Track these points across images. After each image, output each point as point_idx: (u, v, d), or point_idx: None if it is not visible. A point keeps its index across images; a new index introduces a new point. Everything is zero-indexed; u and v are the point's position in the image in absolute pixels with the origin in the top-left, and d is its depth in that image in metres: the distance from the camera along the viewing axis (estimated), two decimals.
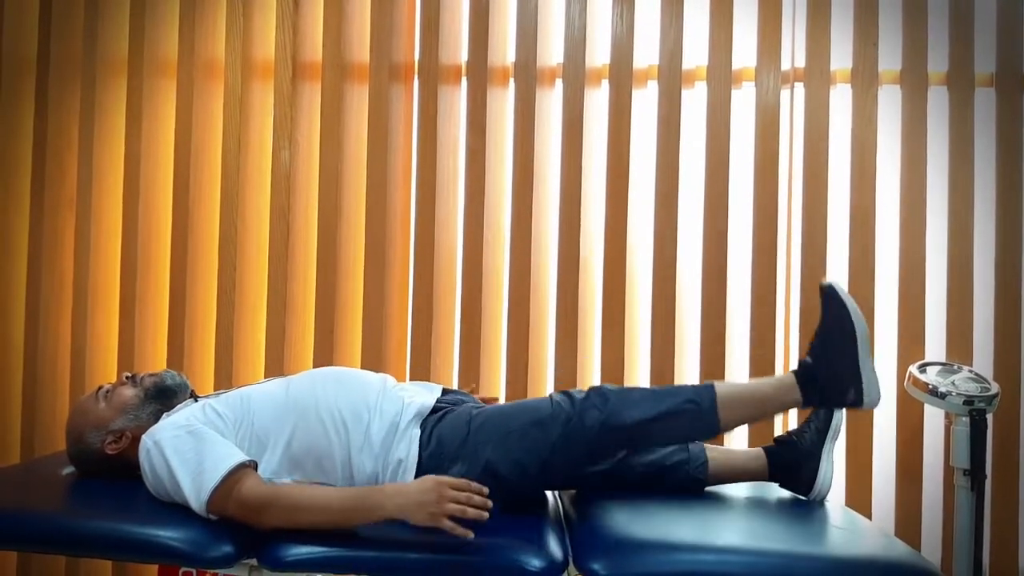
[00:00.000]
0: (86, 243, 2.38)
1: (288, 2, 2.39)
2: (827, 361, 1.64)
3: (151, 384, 1.65)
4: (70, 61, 2.42)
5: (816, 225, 2.28)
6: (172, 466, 1.45)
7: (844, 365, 1.62)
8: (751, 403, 1.64)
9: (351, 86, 2.41)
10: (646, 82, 2.40)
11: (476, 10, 2.37)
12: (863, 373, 1.62)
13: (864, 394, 1.62)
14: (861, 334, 1.62)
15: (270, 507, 1.40)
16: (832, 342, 1.64)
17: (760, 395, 1.65)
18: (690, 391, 1.62)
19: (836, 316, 1.64)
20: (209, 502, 1.41)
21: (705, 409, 1.60)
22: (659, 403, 1.59)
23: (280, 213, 2.38)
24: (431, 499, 1.35)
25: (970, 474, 2.00)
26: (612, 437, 1.58)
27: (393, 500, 1.38)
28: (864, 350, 1.62)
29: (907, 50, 2.29)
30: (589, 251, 2.37)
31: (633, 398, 1.60)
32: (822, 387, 1.63)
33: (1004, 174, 2.26)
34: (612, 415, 1.57)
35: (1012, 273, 2.24)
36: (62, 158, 2.42)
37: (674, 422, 1.59)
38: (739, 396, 1.64)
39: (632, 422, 1.57)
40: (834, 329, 1.64)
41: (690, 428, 1.62)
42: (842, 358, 1.63)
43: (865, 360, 1.62)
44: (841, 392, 1.63)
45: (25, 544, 1.51)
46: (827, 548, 1.43)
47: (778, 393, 1.64)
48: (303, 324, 2.41)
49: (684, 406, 1.59)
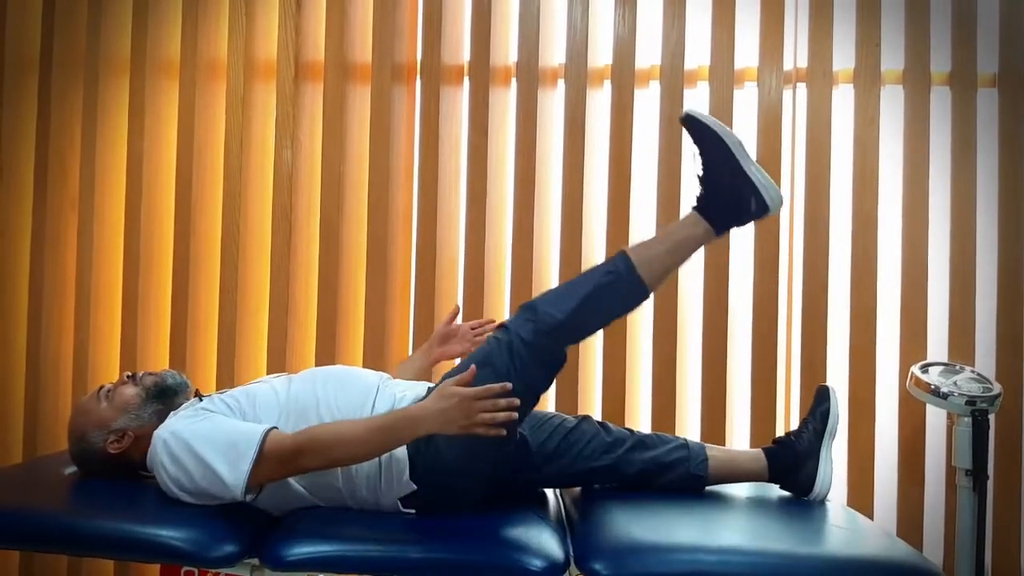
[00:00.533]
0: (88, 242, 2.39)
1: (290, 2, 2.40)
2: (715, 182, 1.65)
3: (152, 383, 1.65)
4: (73, 60, 2.42)
5: (818, 225, 2.28)
6: (199, 451, 1.45)
7: (731, 178, 1.63)
8: (666, 250, 1.65)
9: (353, 86, 2.42)
10: (648, 82, 2.40)
11: (478, 10, 2.37)
12: (752, 178, 1.63)
13: (764, 197, 1.63)
14: (734, 144, 1.63)
15: (304, 452, 1.43)
16: (713, 164, 1.64)
17: (671, 240, 1.66)
18: (605, 265, 1.64)
19: (706, 140, 1.64)
20: (250, 475, 1.42)
21: (624, 273, 1.62)
22: (582, 287, 1.61)
23: (282, 213, 2.38)
24: (458, 415, 1.40)
25: (972, 474, 2.00)
26: (553, 338, 1.59)
27: (423, 424, 1.42)
28: (743, 156, 1.63)
29: (909, 50, 2.29)
30: (591, 251, 2.37)
31: (558, 295, 1.62)
32: (723, 207, 1.64)
33: (1006, 174, 2.25)
34: (543, 319, 1.58)
35: (1014, 273, 2.24)
36: (65, 157, 2.42)
37: (602, 298, 1.61)
38: (652, 249, 1.65)
39: (564, 316, 1.58)
40: (709, 151, 1.65)
41: (620, 298, 1.63)
42: (727, 173, 1.64)
43: (748, 165, 1.63)
44: (743, 204, 1.64)
45: (27, 543, 1.52)
46: (829, 548, 1.43)
47: (687, 229, 1.66)
48: (305, 324, 2.41)
49: (604, 279, 1.61)
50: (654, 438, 1.75)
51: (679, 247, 1.66)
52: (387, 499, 1.55)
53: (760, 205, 1.63)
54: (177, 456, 1.47)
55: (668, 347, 2.29)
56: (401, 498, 1.55)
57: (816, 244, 2.28)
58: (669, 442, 1.75)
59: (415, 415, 1.43)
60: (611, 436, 1.73)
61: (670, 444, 1.74)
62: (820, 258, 2.28)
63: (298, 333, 2.40)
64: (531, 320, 1.58)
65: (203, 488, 1.45)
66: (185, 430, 1.49)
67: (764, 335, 2.28)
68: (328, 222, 2.37)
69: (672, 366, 2.29)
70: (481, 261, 2.34)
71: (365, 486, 1.56)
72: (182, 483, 1.47)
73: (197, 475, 1.45)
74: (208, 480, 1.44)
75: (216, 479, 1.43)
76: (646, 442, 1.73)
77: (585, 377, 2.35)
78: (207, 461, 1.44)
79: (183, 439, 1.47)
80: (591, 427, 1.74)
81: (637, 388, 2.37)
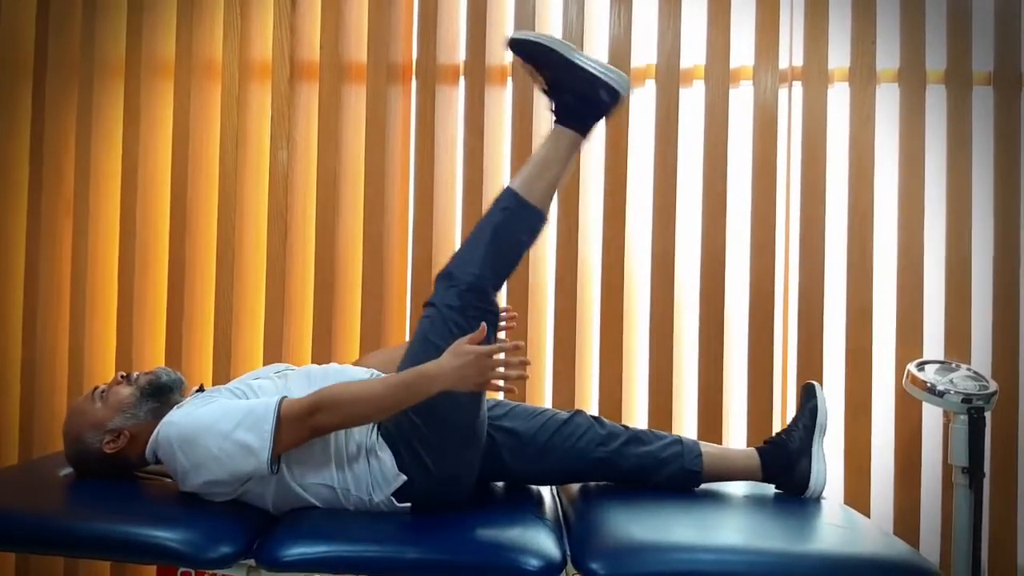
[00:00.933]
0: (84, 244, 2.38)
1: (286, 2, 2.39)
2: (560, 90, 1.70)
3: (146, 382, 1.65)
4: (67, 63, 2.42)
5: (814, 223, 2.29)
6: (217, 425, 1.46)
7: (572, 80, 1.68)
8: (544, 171, 1.70)
9: (349, 86, 2.41)
10: (644, 81, 2.40)
11: (474, 10, 2.37)
12: (592, 71, 1.68)
13: (610, 84, 1.67)
14: (564, 48, 1.68)
15: (322, 407, 1.45)
16: (552, 74, 1.69)
17: (545, 160, 1.71)
18: (496, 205, 1.69)
19: (537, 56, 1.69)
20: (274, 435, 1.43)
21: (515, 206, 1.67)
22: (483, 234, 1.66)
23: (278, 213, 2.38)
24: (473, 372, 1.44)
25: (968, 472, 2.00)
26: (478, 292, 1.63)
27: (438, 381, 1.45)
28: (576, 56, 1.68)
29: (905, 49, 2.29)
30: (587, 249, 2.37)
31: (465, 251, 1.67)
32: (577, 109, 1.69)
33: (1002, 172, 2.26)
34: (461, 279, 1.62)
35: (1010, 271, 2.24)
36: (59, 160, 2.42)
37: (506, 236, 1.66)
38: (531, 174, 1.70)
39: (479, 268, 1.63)
40: (544, 64, 1.69)
41: (521, 229, 1.68)
42: (567, 77, 1.69)
43: (584, 61, 1.68)
44: (593, 98, 1.68)
45: (23, 545, 1.51)
46: (826, 547, 1.43)
47: (555, 144, 1.71)
48: (301, 325, 2.41)
49: (500, 218, 1.67)
50: (649, 434, 1.76)
51: (555, 162, 1.71)
52: (380, 496, 1.56)
53: (609, 92, 1.68)
54: (192, 438, 1.47)
55: (664, 346, 2.29)
56: (394, 493, 1.55)
57: (812, 243, 2.28)
58: (663, 438, 1.75)
59: (431, 372, 1.46)
60: (605, 429, 1.74)
61: (664, 440, 1.75)
62: (816, 257, 2.28)
63: (294, 333, 2.39)
64: (452, 286, 1.62)
65: (226, 463, 1.45)
66: (195, 412, 1.51)
67: (760, 334, 2.28)
68: (324, 222, 2.37)
69: (668, 365, 2.29)
70: None
71: (354, 486, 1.56)
72: (201, 464, 1.46)
73: (217, 449, 1.45)
74: (231, 451, 1.44)
75: (239, 447, 1.44)
76: (641, 437, 1.74)
77: (581, 377, 2.35)
78: (227, 431, 1.45)
79: (195, 418, 1.49)
80: (584, 420, 1.74)
81: (633, 387, 2.37)
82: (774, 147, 2.30)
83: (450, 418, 1.57)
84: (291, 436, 1.47)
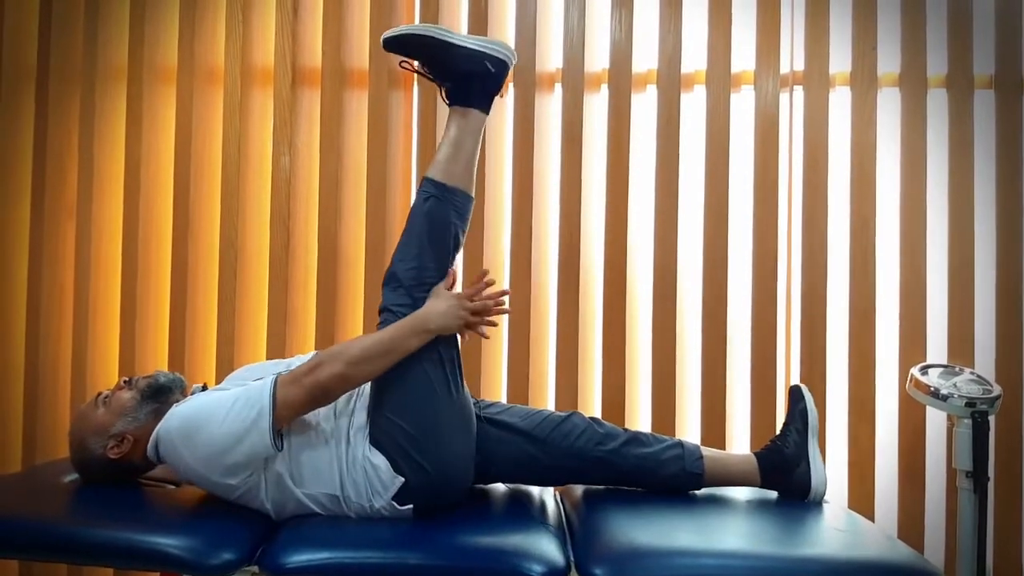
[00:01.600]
0: (87, 250, 2.38)
1: (288, 9, 2.40)
2: (445, 73, 1.72)
3: (145, 385, 1.66)
4: (70, 68, 2.42)
5: (816, 228, 2.28)
6: (213, 410, 1.49)
7: (455, 61, 1.71)
8: (455, 153, 1.71)
9: (351, 92, 2.42)
10: (645, 86, 2.40)
11: (475, 15, 2.37)
12: (472, 47, 1.70)
13: (493, 55, 1.71)
14: (436, 31, 1.70)
15: (322, 363, 1.51)
16: (432, 60, 1.73)
17: (454, 142, 1.72)
18: (419, 196, 1.71)
19: (412, 47, 1.72)
20: (274, 399, 1.47)
21: (438, 192, 1.69)
22: (415, 228, 1.68)
23: (280, 219, 2.38)
24: (459, 312, 1.60)
25: (973, 476, 2.00)
26: (423, 287, 1.64)
27: (430, 322, 1.58)
28: (452, 36, 1.71)
29: (906, 53, 2.29)
30: (589, 255, 2.37)
31: (402, 249, 1.69)
32: (468, 87, 1.71)
33: (1004, 176, 2.26)
34: (406, 277, 1.65)
35: (1013, 274, 2.24)
36: (62, 165, 2.42)
37: (438, 224, 1.68)
38: (445, 158, 1.71)
39: (418, 261, 1.65)
40: (422, 54, 1.73)
41: (447, 212, 1.69)
42: (449, 60, 1.71)
43: (461, 40, 1.71)
44: (481, 72, 1.71)
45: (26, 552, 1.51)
46: (829, 551, 1.43)
47: (459, 124, 1.72)
48: (304, 329, 2.41)
49: (427, 207, 1.68)
50: (649, 436, 1.76)
51: (466, 141, 1.73)
52: (380, 502, 1.56)
53: (494, 62, 1.71)
54: (192, 428, 1.49)
55: (667, 351, 2.29)
56: (394, 497, 1.55)
57: (814, 247, 2.28)
58: (663, 441, 1.76)
59: (421, 315, 1.58)
60: (603, 429, 1.74)
61: (665, 443, 1.75)
62: (819, 261, 2.28)
63: (296, 339, 2.39)
64: (398, 286, 1.66)
65: (229, 441, 1.47)
66: (193, 402, 1.54)
67: (763, 338, 2.27)
68: (326, 228, 2.37)
69: (671, 369, 2.29)
70: (480, 264, 2.33)
71: (355, 493, 1.56)
72: (203, 451, 1.48)
73: (218, 430, 1.47)
74: (232, 430, 1.46)
75: (240, 421, 1.46)
76: (641, 439, 1.74)
77: (584, 381, 2.35)
78: (224, 414, 1.47)
79: (194, 408, 1.52)
80: (582, 420, 1.75)
81: (636, 392, 2.36)
82: (775, 152, 2.30)
83: (427, 409, 1.58)
84: (294, 399, 1.49)
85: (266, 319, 2.36)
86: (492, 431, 1.70)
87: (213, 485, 1.53)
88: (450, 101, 1.74)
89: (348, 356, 1.53)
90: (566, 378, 2.30)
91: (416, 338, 1.57)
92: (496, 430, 1.70)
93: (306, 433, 1.58)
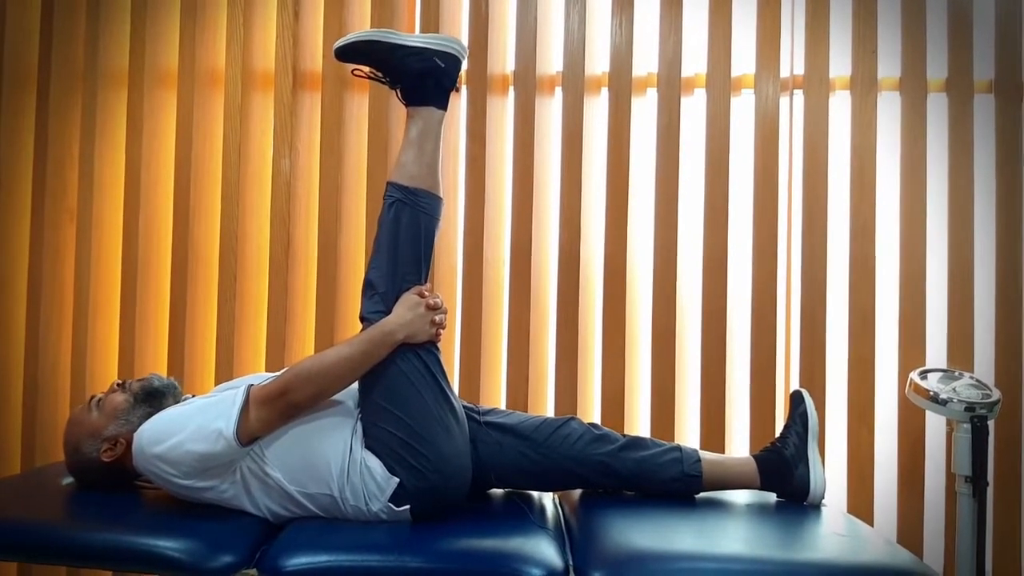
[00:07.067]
0: (87, 253, 2.39)
1: (288, 12, 2.40)
2: (398, 75, 1.71)
3: (139, 388, 1.66)
4: (71, 72, 2.43)
5: (816, 232, 2.29)
6: (184, 420, 1.51)
7: (406, 63, 1.69)
8: (418, 154, 1.70)
9: (351, 95, 2.42)
10: (645, 90, 2.40)
11: (476, 19, 2.37)
12: (419, 46, 1.69)
13: (443, 51, 1.70)
14: (383, 35, 1.70)
15: (291, 386, 1.52)
16: (384, 64, 1.72)
17: (415, 143, 1.71)
18: (385, 203, 1.69)
19: (361, 54, 1.72)
20: (240, 416, 1.48)
21: (405, 196, 1.67)
22: (385, 236, 1.67)
23: (280, 221, 2.39)
24: (425, 320, 1.60)
25: (972, 481, 2.00)
26: (400, 294, 1.64)
27: (400, 332, 1.58)
28: (398, 37, 1.70)
29: (906, 57, 2.30)
30: (589, 259, 2.37)
31: (376, 258, 1.68)
32: (422, 86, 1.70)
33: (1004, 180, 2.26)
34: (378, 285, 1.64)
35: (1013, 279, 2.24)
36: (63, 169, 2.43)
37: (407, 228, 1.67)
38: (407, 159, 1.71)
39: (392, 268, 1.65)
40: (373, 59, 1.71)
41: (415, 216, 1.67)
42: (399, 61, 1.70)
43: (408, 40, 1.70)
44: (433, 71, 1.69)
45: (26, 554, 1.51)
46: (828, 555, 1.43)
47: (418, 124, 1.71)
48: (303, 332, 2.41)
49: (395, 212, 1.67)
50: (647, 440, 1.76)
51: (427, 142, 1.71)
52: (377, 505, 1.56)
53: (444, 58, 1.70)
54: (164, 435, 1.50)
55: (667, 355, 2.29)
56: (391, 499, 1.55)
57: (814, 251, 2.28)
58: (662, 445, 1.76)
59: (389, 325, 1.58)
60: (600, 431, 1.74)
61: (663, 447, 1.75)
62: (818, 265, 2.28)
63: (296, 342, 2.39)
64: (375, 294, 1.66)
65: (198, 450, 1.47)
66: (164, 413, 1.56)
67: (762, 342, 2.27)
68: (326, 231, 2.37)
69: (671, 373, 2.29)
70: (479, 268, 2.34)
71: (352, 495, 1.56)
72: (175, 461, 1.49)
73: (189, 440, 1.48)
74: (200, 436, 1.47)
75: (207, 432, 1.47)
76: (639, 443, 1.75)
77: (583, 385, 2.35)
78: (195, 422, 1.49)
79: (166, 418, 1.53)
80: (579, 425, 1.75)
81: (636, 396, 2.36)
82: (775, 155, 2.30)
83: (412, 410, 1.58)
84: (264, 416, 1.51)
85: (266, 321, 2.37)
86: (490, 436, 1.70)
87: (198, 491, 1.53)
88: (407, 102, 1.73)
89: (319, 383, 1.55)
90: (565, 381, 2.30)
91: (384, 348, 1.58)
92: (495, 435, 1.70)
93: (306, 433, 1.58)
